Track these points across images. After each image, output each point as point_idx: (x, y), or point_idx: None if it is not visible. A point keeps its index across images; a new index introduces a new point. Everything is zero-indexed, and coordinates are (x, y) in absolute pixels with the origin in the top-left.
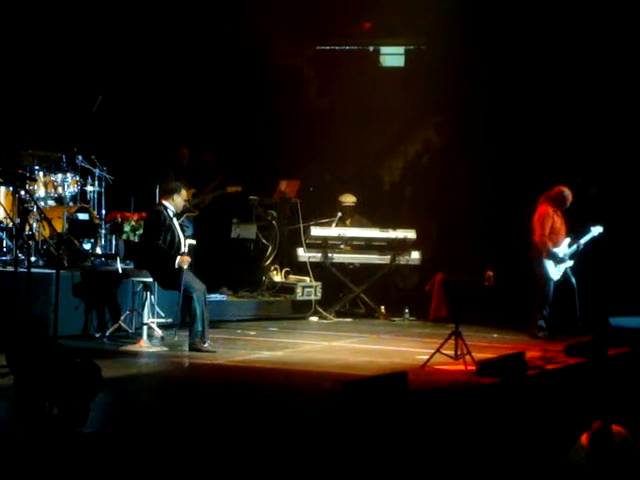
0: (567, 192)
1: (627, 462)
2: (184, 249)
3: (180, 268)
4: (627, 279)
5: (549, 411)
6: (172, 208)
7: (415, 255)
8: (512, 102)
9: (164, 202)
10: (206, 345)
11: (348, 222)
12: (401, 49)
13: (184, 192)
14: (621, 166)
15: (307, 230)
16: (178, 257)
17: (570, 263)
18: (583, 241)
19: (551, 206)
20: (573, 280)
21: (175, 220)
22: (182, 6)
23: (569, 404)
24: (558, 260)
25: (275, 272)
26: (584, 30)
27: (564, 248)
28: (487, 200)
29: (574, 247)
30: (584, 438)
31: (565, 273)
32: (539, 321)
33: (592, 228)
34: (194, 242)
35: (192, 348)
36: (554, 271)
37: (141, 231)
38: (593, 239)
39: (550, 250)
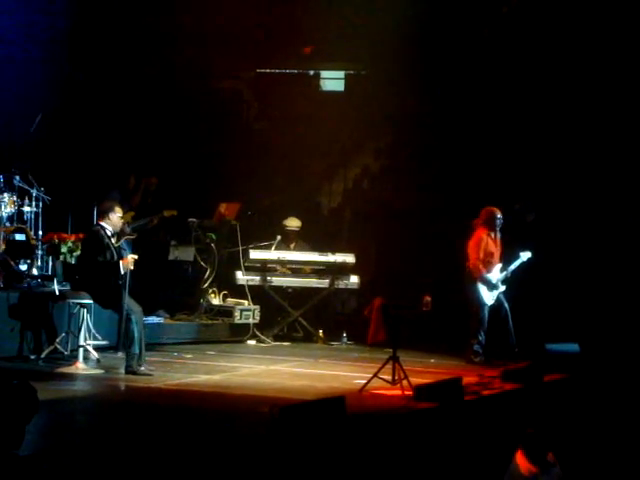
0: (495, 211)
1: None
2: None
3: (121, 288)
4: (563, 305)
5: (485, 436)
6: (109, 228)
7: (354, 279)
8: (449, 128)
9: (101, 222)
10: (142, 368)
11: (292, 246)
12: (341, 73)
13: (119, 210)
14: (558, 192)
15: (246, 253)
16: (121, 262)
17: (502, 288)
18: (512, 267)
19: (485, 230)
20: (506, 305)
21: (112, 240)
22: (123, 30)
23: (505, 430)
24: (491, 286)
25: (213, 295)
26: (525, 55)
27: (496, 274)
28: (425, 225)
29: (504, 273)
30: (518, 456)
31: (498, 298)
32: (475, 346)
33: (521, 254)
34: (136, 257)
35: (128, 371)
36: (488, 296)
37: (78, 252)
38: (522, 265)
39: (483, 276)
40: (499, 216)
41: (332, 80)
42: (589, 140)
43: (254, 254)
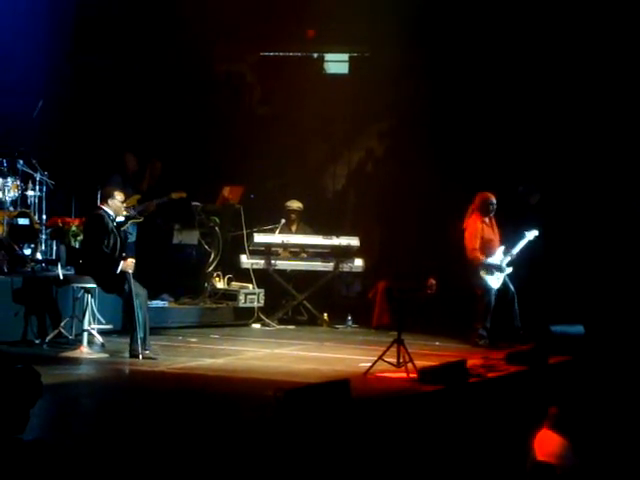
0: (489, 196)
1: None
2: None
3: (124, 274)
4: (568, 287)
5: (490, 419)
6: (111, 212)
7: (358, 262)
8: (455, 110)
9: (103, 207)
10: (147, 352)
11: (294, 228)
12: (345, 56)
13: (119, 195)
14: (562, 173)
15: (250, 237)
16: (122, 262)
17: (508, 270)
18: (518, 248)
19: (479, 216)
20: (512, 288)
21: (114, 224)
22: (126, 13)
23: (510, 412)
24: (495, 269)
25: (217, 279)
26: (527, 38)
27: (499, 256)
28: (430, 208)
29: (509, 255)
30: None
31: (504, 282)
32: (480, 330)
33: (526, 233)
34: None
35: (133, 355)
36: (493, 280)
37: (82, 236)
38: (529, 244)
39: (484, 263)
40: (493, 201)
41: (336, 63)
42: (594, 121)
43: (258, 237)
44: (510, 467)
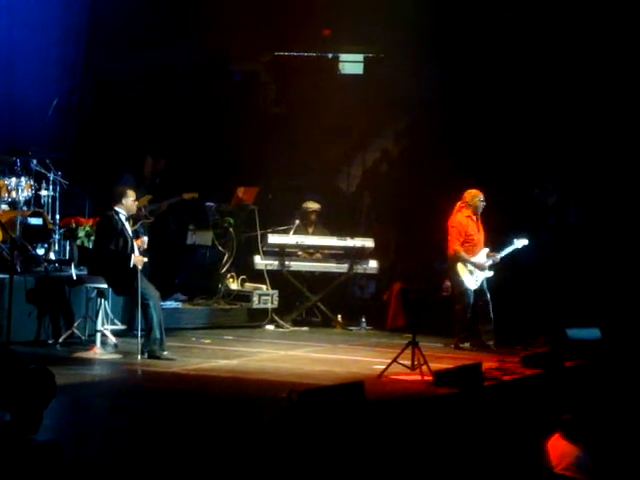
0: (478, 194)
1: None
2: (137, 252)
3: (135, 271)
4: (584, 290)
5: (506, 422)
6: (124, 212)
7: (373, 264)
8: (470, 110)
9: (115, 207)
10: (165, 353)
11: (311, 230)
12: (360, 56)
13: (131, 194)
14: (579, 175)
15: (264, 237)
16: (133, 257)
17: (489, 274)
18: (504, 253)
19: (464, 214)
20: (488, 294)
21: (127, 224)
22: (142, 11)
23: (526, 415)
24: (476, 267)
25: (231, 280)
26: (540, 39)
27: (482, 257)
28: (445, 210)
29: (491, 259)
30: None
31: (481, 285)
32: (461, 331)
33: (515, 240)
34: (146, 239)
35: (150, 356)
36: (470, 280)
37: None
38: (515, 252)
39: (464, 258)
40: (482, 199)
41: (351, 63)
42: (609, 122)
43: (272, 238)
44: (525, 471)
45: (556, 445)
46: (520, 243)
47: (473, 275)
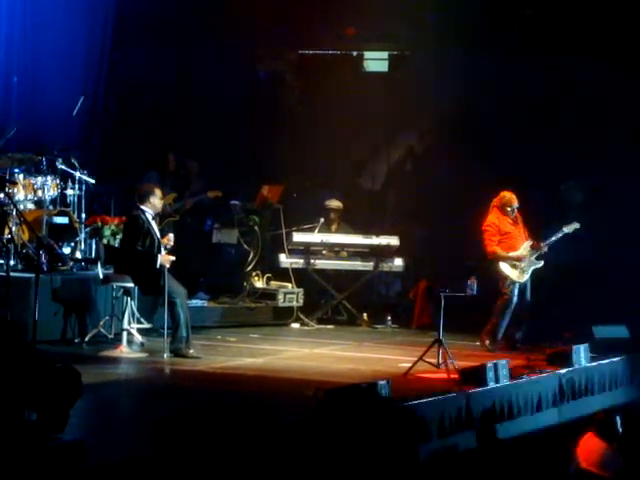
0: (505, 201)
1: None
2: (164, 251)
3: (162, 270)
4: (611, 288)
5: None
6: (150, 211)
7: (398, 262)
8: (495, 108)
9: (141, 206)
10: (192, 351)
11: (333, 228)
12: (385, 54)
13: (158, 192)
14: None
15: (289, 236)
16: (159, 256)
17: (539, 264)
18: (552, 239)
19: (497, 214)
20: (528, 296)
21: (154, 223)
22: (168, 10)
23: None
24: (519, 261)
25: (256, 278)
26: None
27: (524, 251)
28: (471, 206)
29: (537, 251)
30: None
31: (525, 285)
32: (491, 328)
33: (564, 227)
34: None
35: (177, 354)
36: (515, 272)
37: (121, 235)
38: (567, 236)
39: (503, 255)
40: (513, 207)
41: (376, 61)
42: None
43: (297, 237)
44: (552, 469)
45: (587, 442)
46: (570, 228)
47: (517, 268)
